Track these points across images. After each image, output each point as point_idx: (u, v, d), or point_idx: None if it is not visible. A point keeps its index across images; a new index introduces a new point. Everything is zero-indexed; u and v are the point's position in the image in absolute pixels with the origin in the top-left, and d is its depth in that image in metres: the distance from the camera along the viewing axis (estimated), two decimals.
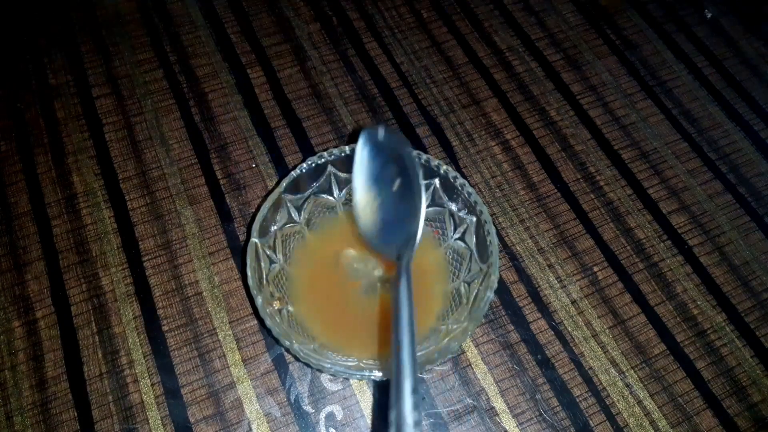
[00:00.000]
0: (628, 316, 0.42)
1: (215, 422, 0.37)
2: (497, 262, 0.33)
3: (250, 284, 0.32)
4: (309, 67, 0.52)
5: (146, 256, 0.42)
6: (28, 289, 0.41)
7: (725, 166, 0.49)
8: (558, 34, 0.55)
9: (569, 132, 0.50)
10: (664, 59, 0.55)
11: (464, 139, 0.49)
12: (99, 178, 0.45)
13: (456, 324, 0.34)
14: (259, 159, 0.47)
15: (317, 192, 0.39)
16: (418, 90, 0.51)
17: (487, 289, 0.32)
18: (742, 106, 0.52)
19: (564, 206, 0.46)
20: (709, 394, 0.39)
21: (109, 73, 0.50)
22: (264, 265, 0.35)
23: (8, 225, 0.43)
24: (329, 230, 0.40)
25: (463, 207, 0.37)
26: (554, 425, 0.38)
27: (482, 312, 0.32)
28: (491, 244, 0.34)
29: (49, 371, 0.38)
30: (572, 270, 0.43)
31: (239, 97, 0.50)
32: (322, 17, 0.55)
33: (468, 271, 0.36)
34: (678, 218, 0.46)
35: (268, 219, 0.35)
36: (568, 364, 0.40)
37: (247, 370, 0.39)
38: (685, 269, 0.44)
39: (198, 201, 0.45)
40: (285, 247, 0.38)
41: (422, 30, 0.55)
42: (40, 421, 0.37)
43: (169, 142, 0.47)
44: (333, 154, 0.37)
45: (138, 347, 0.39)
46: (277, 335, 0.31)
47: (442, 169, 0.36)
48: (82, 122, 0.48)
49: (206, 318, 0.40)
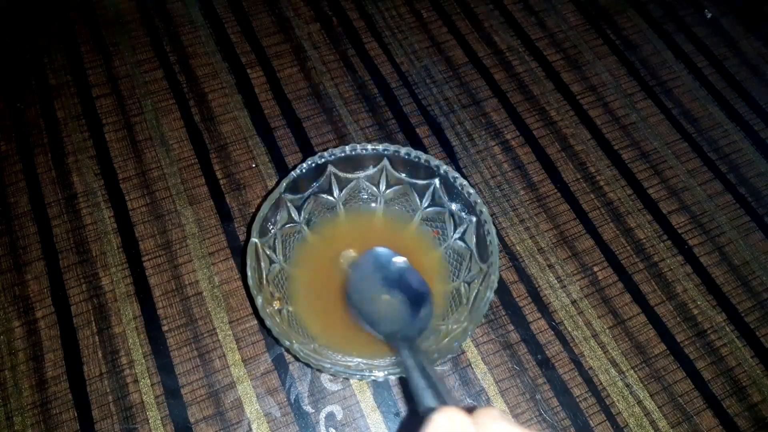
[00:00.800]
0: (628, 316, 0.42)
1: (215, 422, 0.37)
2: (497, 261, 0.33)
3: (250, 284, 0.32)
4: (309, 67, 0.52)
5: (146, 256, 0.42)
6: (28, 289, 0.41)
7: (725, 166, 0.49)
8: (558, 34, 0.55)
9: (569, 132, 0.50)
10: (664, 59, 0.55)
11: (464, 139, 0.49)
12: (99, 178, 0.45)
13: (456, 324, 0.34)
14: (259, 159, 0.47)
15: (317, 192, 0.39)
16: (418, 90, 0.51)
17: (488, 289, 0.32)
18: (742, 106, 0.52)
19: (564, 206, 0.46)
20: (709, 394, 0.39)
21: (109, 73, 0.50)
22: (264, 265, 0.35)
23: (8, 225, 0.43)
24: (329, 230, 0.40)
25: (463, 207, 0.37)
26: (554, 425, 0.38)
27: (482, 312, 0.32)
28: (491, 244, 0.34)
29: (49, 371, 0.38)
30: (572, 270, 0.43)
31: (239, 97, 0.50)
32: (322, 17, 0.55)
33: (468, 271, 0.36)
34: (678, 218, 0.46)
35: (268, 219, 0.35)
36: (568, 364, 0.40)
37: (247, 370, 0.39)
38: (685, 269, 0.44)
39: (198, 201, 0.45)
40: (285, 247, 0.38)
41: (422, 30, 0.55)
42: (40, 421, 0.37)
43: (169, 142, 0.47)
44: (333, 154, 0.37)
45: (138, 347, 0.39)
46: (277, 335, 0.31)
47: (442, 169, 0.36)
48: (82, 122, 0.48)
49: (206, 318, 0.40)
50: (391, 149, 0.37)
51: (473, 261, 0.36)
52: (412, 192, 0.39)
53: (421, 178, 0.38)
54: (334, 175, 0.38)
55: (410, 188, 0.39)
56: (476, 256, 0.36)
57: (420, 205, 0.39)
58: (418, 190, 0.39)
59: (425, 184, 0.38)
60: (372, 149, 0.37)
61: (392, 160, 0.38)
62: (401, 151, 0.37)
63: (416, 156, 0.36)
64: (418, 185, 0.39)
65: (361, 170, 0.39)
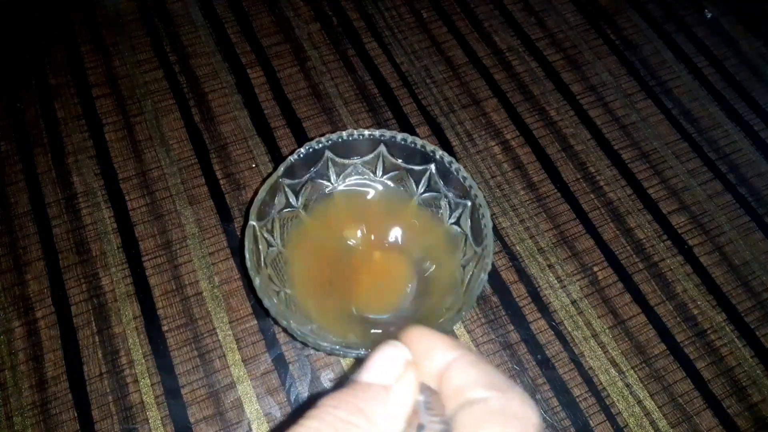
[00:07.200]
0: (628, 316, 0.42)
1: (215, 422, 0.37)
2: (491, 244, 0.33)
3: (248, 266, 0.32)
4: (309, 67, 0.52)
5: (146, 256, 0.42)
6: (28, 289, 0.41)
7: (725, 166, 0.49)
8: (558, 34, 0.55)
9: (569, 132, 0.50)
10: (664, 59, 0.55)
11: (464, 139, 0.49)
12: (99, 178, 0.45)
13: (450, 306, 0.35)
14: (259, 159, 0.47)
15: (315, 177, 0.39)
16: (418, 90, 0.51)
17: (482, 271, 0.33)
18: (742, 106, 0.52)
19: (564, 206, 0.46)
20: (709, 394, 0.39)
21: (109, 73, 0.50)
22: (262, 248, 0.35)
23: (8, 225, 0.43)
24: (327, 214, 0.40)
25: (458, 192, 0.37)
26: (554, 425, 0.38)
27: (477, 293, 0.33)
28: (486, 227, 0.34)
29: (49, 371, 0.38)
30: (572, 270, 0.43)
31: (239, 97, 0.50)
32: (322, 17, 0.55)
33: (463, 255, 0.37)
34: (678, 218, 0.46)
35: (266, 203, 0.36)
36: (568, 364, 0.40)
37: (247, 370, 0.39)
38: (685, 269, 0.44)
39: (198, 201, 0.45)
40: (283, 232, 0.38)
41: (422, 30, 0.55)
42: (40, 421, 0.37)
43: (169, 142, 0.47)
44: (330, 140, 0.37)
45: (138, 347, 0.39)
46: (275, 315, 0.31)
47: (437, 155, 0.37)
48: (82, 122, 0.48)
49: (206, 318, 0.40)
50: (387, 135, 0.37)
51: (468, 245, 0.37)
52: (409, 177, 0.39)
53: (417, 163, 0.38)
54: (331, 160, 0.38)
55: (407, 174, 0.39)
56: (471, 240, 0.36)
57: (416, 191, 0.40)
58: (415, 175, 0.39)
59: (421, 170, 0.38)
60: (369, 135, 0.37)
61: (388, 145, 0.38)
62: (397, 137, 0.37)
63: (412, 141, 0.37)
64: (415, 171, 0.39)
65: (357, 156, 0.39)
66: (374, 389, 0.18)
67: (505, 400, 0.17)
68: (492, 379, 0.18)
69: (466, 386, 0.18)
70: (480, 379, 0.18)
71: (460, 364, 0.19)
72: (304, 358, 0.39)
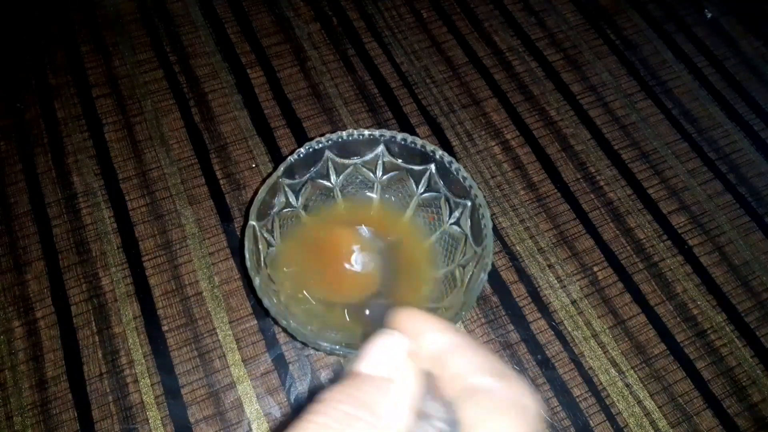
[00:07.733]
0: (628, 316, 0.42)
1: (215, 422, 0.37)
2: (491, 244, 0.33)
3: (248, 265, 0.32)
4: (309, 67, 0.52)
5: (146, 256, 0.42)
6: (28, 289, 0.41)
7: (725, 166, 0.49)
8: (558, 34, 0.55)
9: (569, 132, 0.50)
10: (664, 59, 0.55)
11: (464, 139, 0.49)
12: (99, 178, 0.45)
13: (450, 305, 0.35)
14: (259, 159, 0.47)
15: (315, 177, 0.39)
16: (418, 90, 0.51)
17: (481, 271, 0.33)
18: (742, 106, 0.52)
19: (564, 206, 0.46)
20: (709, 394, 0.39)
21: (109, 73, 0.50)
22: (262, 248, 0.35)
23: (8, 225, 0.43)
24: (326, 215, 0.40)
25: (458, 192, 0.37)
26: (554, 425, 0.38)
27: (476, 293, 0.32)
28: (485, 227, 0.34)
29: (49, 371, 0.38)
30: (572, 270, 0.43)
31: (239, 97, 0.50)
32: (322, 17, 0.55)
33: (463, 255, 0.37)
34: (678, 218, 0.46)
35: (266, 203, 0.35)
36: (568, 364, 0.40)
37: (247, 370, 0.39)
38: (685, 269, 0.44)
39: (198, 201, 0.45)
40: (283, 232, 0.38)
41: (422, 30, 0.55)
42: (40, 421, 0.37)
43: (169, 142, 0.47)
44: (330, 140, 0.37)
45: (138, 347, 0.39)
46: (275, 315, 0.31)
47: (437, 155, 0.37)
48: (82, 122, 0.48)
49: (206, 318, 0.40)
50: (387, 135, 0.37)
51: (468, 245, 0.37)
52: (409, 177, 0.39)
53: (417, 163, 0.38)
54: (331, 161, 0.38)
55: (407, 174, 0.39)
56: (471, 240, 0.36)
57: (416, 191, 0.40)
58: (415, 175, 0.39)
59: (421, 170, 0.38)
60: (369, 135, 0.37)
61: (388, 145, 0.38)
62: (397, 137, 0.37)
63: (412, 141, 0.37)
64: (415, 171, 0.39)
65: (357, 156, 0.39)
66: (377, 382, 0.18)
67: (509, 390, 0.17)
68: (492, 366, 0.18)
69: (466, 372, 0.18)
70: (480, 364, 0.18)
71: (458, 349, 0.19)
72: (304, 358, 0.39)
